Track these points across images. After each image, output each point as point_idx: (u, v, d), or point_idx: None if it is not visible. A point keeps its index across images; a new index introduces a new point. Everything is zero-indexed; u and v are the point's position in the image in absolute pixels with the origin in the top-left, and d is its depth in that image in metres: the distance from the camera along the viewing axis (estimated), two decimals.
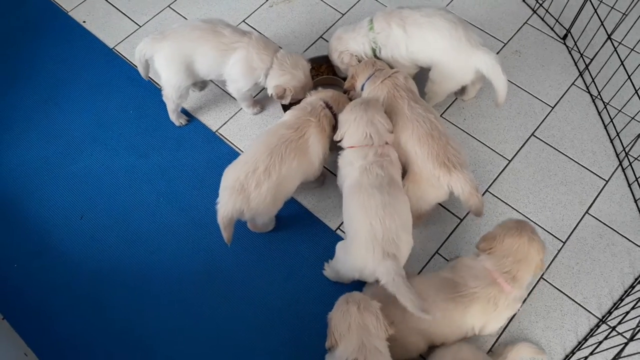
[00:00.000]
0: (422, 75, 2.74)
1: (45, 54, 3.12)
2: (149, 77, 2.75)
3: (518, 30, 3.21)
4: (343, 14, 3.25)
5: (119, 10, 3.27)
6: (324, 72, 2.94)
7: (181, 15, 3.25)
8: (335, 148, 2.40)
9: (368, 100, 2.34)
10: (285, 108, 2.67)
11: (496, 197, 2.68)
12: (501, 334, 2.35)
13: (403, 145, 2.33)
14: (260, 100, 2.93)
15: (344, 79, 2.81)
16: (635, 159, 2.72)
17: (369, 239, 2.04)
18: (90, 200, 2.69)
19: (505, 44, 3.15)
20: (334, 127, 2.41)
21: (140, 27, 3.21)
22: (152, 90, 2.86)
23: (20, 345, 2.35)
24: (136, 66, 2.67)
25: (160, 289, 2.47)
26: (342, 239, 2.54)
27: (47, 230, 2.60)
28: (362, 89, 2.54)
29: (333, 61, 2.81)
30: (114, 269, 2.52)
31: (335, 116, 2.42)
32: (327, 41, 3.12)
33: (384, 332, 1.93)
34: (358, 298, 1.98)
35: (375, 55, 2.70)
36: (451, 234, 2.59)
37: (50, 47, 3.14)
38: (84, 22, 3.23)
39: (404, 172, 2.37)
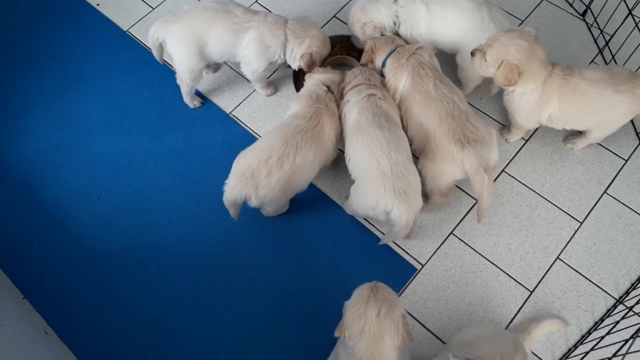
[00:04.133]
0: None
1: (59, 37, 3.13)
2: (164, 60, 2.75)
3: (536, 7, 3.14)
4: None
5: None
6: (337, 52, 2.92)
7: None
8: None
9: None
10: (298, 88, 2.65)
11: (513, 177, 2.64)
12: (516, 314, 2.34)
13: (425, 124, 2.31)
14: (273, 81, 2.92)
15: (358, 58, 2.79)
16: None
17: (378, 176, 2.14)
18: (106, 182, 2.71)
19: (523, 21, 3.09)
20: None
21: (154, 9, 3.20)
22: (167, 72, 2.86)
23: (40, 324, 2.40)
24: (150, 49, 2.67)
25: (175, 269, 2.50)
26: (356, 220, 2.56)
27: (64, 213, 2.64)
28: (383, 65, 2.51)
29: (354, 32, 2.76)
30: (130, 250, 2.55)
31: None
32: (341, 21, 3.09)
33: (401, 341, 1.79)
34: (382, 299, 1.82)
35: (395, 32, 2.66)
36: (466, 214, 2.57)
37: (64, 31, 3.15)
38: (98, 4, 3.24)
39: (423, 150, 2.36)
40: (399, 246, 2.50)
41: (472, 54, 2.41)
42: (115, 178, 2.72)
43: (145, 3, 3.23)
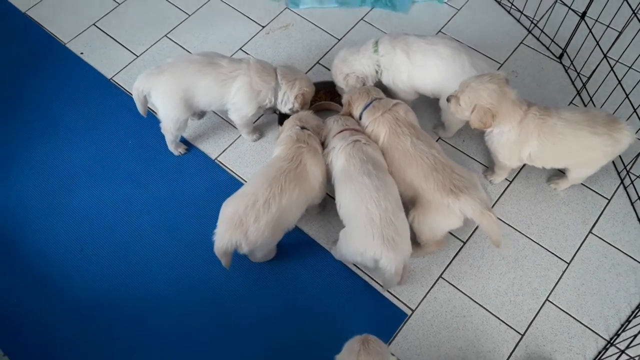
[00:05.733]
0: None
1: (43, 86, 3.13)
2: (148, 108, 2.75)
3: (514, 51, 3.22)
4: (339, 39, 3.27)
5: (116, 41, 3.29)
6: (321, 97, 2.95)
7: (178, 44, 3.26)
8: None
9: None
10: (282, 123, 2.68)
11: (499, 218, 2.66)
12: (508, 358, 2.32)
13: (409, 181, 2.34)
14: (259, 126, 2.93)
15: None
16: (637, 177, 2.71)
17: (367, 223, 2.15)
18: (90, 232, 2.67)
19: (502, 65, 3.16)
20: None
21: (138, 57, 3.23)
22: (151, 120, 2.85)
23: None
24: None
25: (161, 321, 2.44)
26: (345, 265, 2.54)
27: (47, 264, 2.58)
28: (360, 118, 2.54)
29: (337, 83, 2.81)
30: (114, 302, 2.49)
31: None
32: (325, 67, 3.14)
33: None
34: (373, 353, 1.81)
35: (377, 80, 2.72)
36: (454, 257, 2.57)
37: (48, 79, 3.15)
38: (82, 53, 3.25)
39: (412, 204, 2.38)
40: (389, 291, 2.48)
41: (448, 99, 2.47)
42: (99, 228, 2.68)
43: (129, 51, 3.25)
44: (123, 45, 3.27)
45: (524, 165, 2.76)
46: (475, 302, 2.46)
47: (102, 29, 3.34)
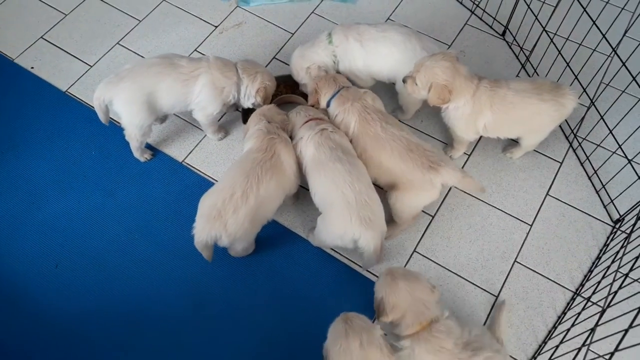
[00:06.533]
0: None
1: None
2: (110, 119, 2.73)
3: (460, 32, 3.38)
4: (292, 34, 3.34)
5: (67, 53, 3.23)
6: (282, 91, 3.00)
7: (132, 51, 3.24)
8: None
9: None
10: (246, 120, 2.71)
11: (461, 190, 2.79)
12: (486, 320, 2.45)
13: (385, 164, 2.41)
14: (223, 125, 2.96)
15: (303, 95, 2.90)
16: (584, 139, 2.90)
17: (343, 207, 2.22)
18: (63, 246, 2.63)
19: (450, 45, 3.31)
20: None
21: (92, 67, 3.19)
22: (113, 129, 2.83)
23: None
24: (92, 107, 2.63)
25: (146, 326, 2.44)
26: (322, 251, 2.61)
27: (22, 284, 2.53)
28: (327, 105, 2.62)
29: (300, 80, 2.87)
30: (96, 313, 2.47)
31: None
32: (281, 62, 3.20)
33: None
34: (359, 329, 1.87)
35: (336, 70, 2.79)
36: (425, 231, 2.68)
37: (1, 97, 3.06)
38: (32, 67, 3.18)
39: (390, 187, 2.47)
40: (368, 271, 2.57)
41: (404, 80, 2.58)
42: (71, 241, 2.64)
43: (82, 61, 3.21)
44: (75, 56, 3.22)
45: (480, 138, 2.91)
46: (449, 270, 2.58)
47: (51, 41, 3.27)
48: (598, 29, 2.57)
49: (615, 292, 2.11)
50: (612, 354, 1.75)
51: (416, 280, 2.09)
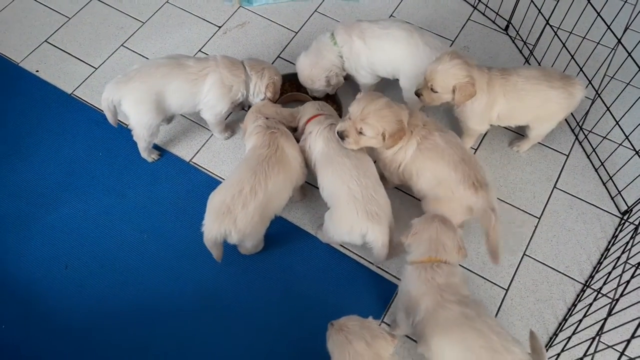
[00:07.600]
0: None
1: (3, 108, 3.04)
2: (118, 120, 2.74)
3: (463, 27, 3.39)
4: (296, 33, 3.35)
5: (72, 55, 3.24)
6: (287, 89, 3.01)
7: (136, 52, 3.25)
8: None
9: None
10: None
11: None
12: (497, 312, 2.46)
13: (439, 174, 2.36)
14: (230, 124, 2.97)
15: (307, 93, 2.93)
16: (589, 131, 2.91)
17: (350, 201, 2.23)
18: (72, 248, 2.63)
19: (454, 41, 3.32)
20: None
21: (97, 69, 3.19)
22: (119, 130, 2.84)
23: None
24: (100, 109, 2.65)
25: (157, 326, 2.45)
26: (332, 247, 2.62)
27: (33, 286, 2.53)
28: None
29: (318, 88, 2.83)
30: (107, 314, 2.48)
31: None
32: (286, 60, 3.21)
33: (395, 343, 1.86)
34: (358, 330, 1.83)
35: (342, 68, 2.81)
36: None
37: (5, 101, 3.06)
38: (37, 71, 3.18)
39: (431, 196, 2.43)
40: (378, 267, 2.58)
41: (417, 95, 2.56)
42: (81, 242, 2.65)
43: (87, 64, 3.21)
44: (79, 59, 3.23)
45: (486, 133, 2.92)
46: (460, 265, 2.58)
47: (55, 44, 3.28)
48: (603, 20, 2.58)
49: (627, 282, 2.12)
50: (628, 341, 1.75)
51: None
